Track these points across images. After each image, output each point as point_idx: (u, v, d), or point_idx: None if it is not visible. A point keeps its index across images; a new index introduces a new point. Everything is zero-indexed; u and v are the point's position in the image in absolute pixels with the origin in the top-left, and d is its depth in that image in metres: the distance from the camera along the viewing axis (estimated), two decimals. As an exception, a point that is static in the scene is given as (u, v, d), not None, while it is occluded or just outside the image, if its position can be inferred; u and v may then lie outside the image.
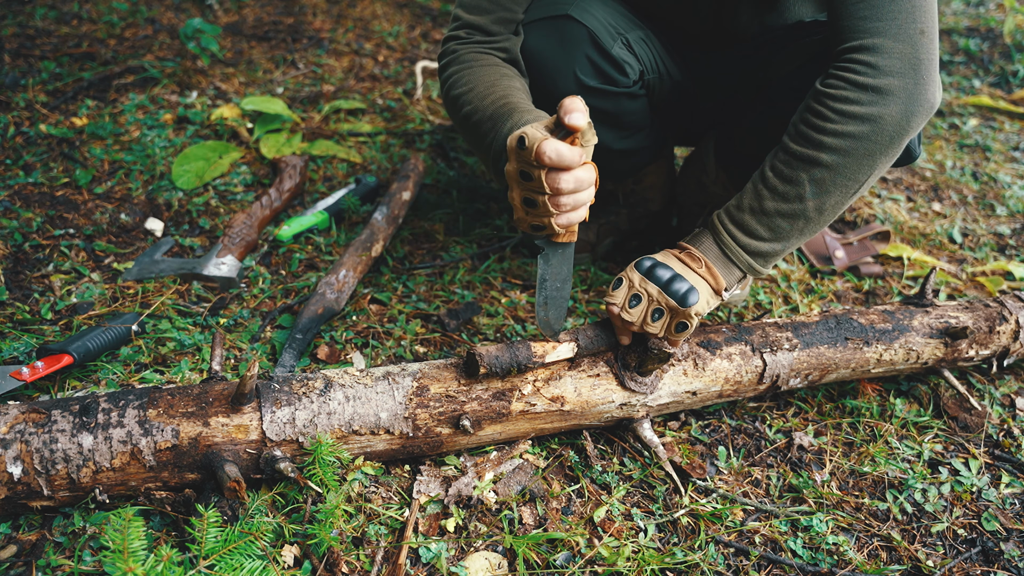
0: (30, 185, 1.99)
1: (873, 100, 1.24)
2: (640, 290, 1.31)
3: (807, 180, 1.29)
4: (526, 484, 1.32)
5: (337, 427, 1.21)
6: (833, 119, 1.26)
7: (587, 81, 1.54)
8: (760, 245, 1.35)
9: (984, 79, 3.68)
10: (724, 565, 1.24)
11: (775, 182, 1.32)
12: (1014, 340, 1.65)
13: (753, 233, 1.35)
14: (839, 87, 1.26)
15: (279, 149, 2.27)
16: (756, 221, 1.34)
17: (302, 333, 1.57)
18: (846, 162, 1.28)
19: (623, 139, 1.70)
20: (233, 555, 1.05)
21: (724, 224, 1.37)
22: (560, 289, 1.30)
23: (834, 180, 1.29)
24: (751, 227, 1.35)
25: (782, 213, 1.33)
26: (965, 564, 1.30)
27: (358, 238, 1.86)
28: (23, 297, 1.62)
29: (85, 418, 1.10)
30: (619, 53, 1.56)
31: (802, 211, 1.32)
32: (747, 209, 1.35)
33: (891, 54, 1.24)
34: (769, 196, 1.33)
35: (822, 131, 1.27)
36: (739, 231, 1.36)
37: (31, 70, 2.54)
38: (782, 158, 1.32)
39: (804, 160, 1.29)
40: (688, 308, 1.28)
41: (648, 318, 1.30)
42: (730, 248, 1.36)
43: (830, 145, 1.26)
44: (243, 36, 3.11)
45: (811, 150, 1.28)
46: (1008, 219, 2.51)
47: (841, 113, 1.25)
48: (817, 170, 1.28)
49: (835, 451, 1.51)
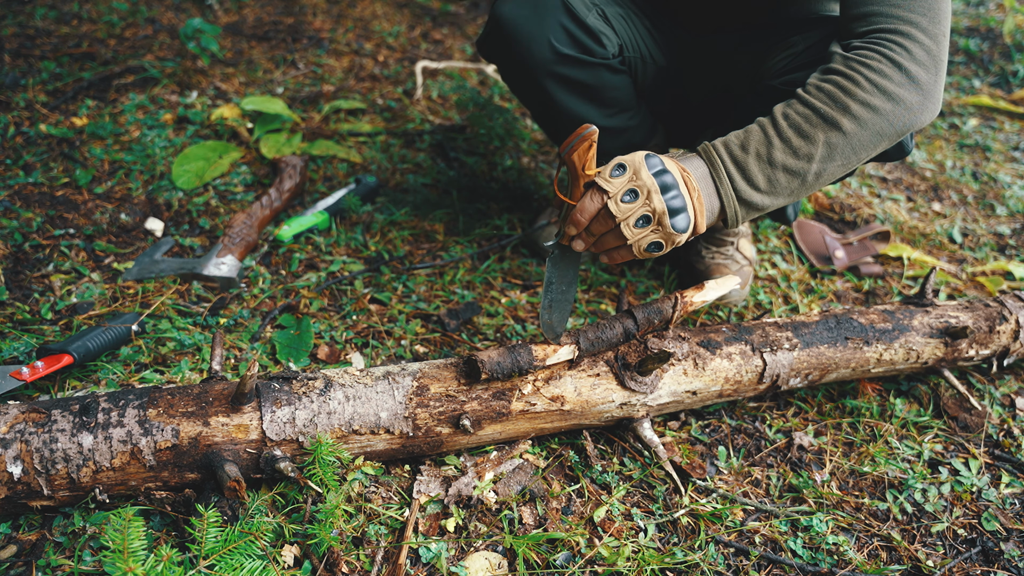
0: (30, 185, 1.99)
1: (902, 82, 1.24)
2: (643, 187, 1.16)
3: (823, 142, 1.25)
4: (526, 484, 1.32)
5: (337, 427, 1.21)
6: (866, 88, 1.23)
7: (562, 49, 1.55)
8: (752, 195, 1.27)
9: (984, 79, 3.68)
10: (724, 565, 1.24)
11: (790, 134, 1.25)
12: (1014, 340, 1.65)
13: (751, 180, 1.26)
14: (876, 59, 1.24)
15: (279, 149, 2.27)
16: (759, 169, 1.26)
17: None
18: (862, 134, 1.26)
19: (610, 117, 1.70)
20: (233, 555, 1.05)
21: (724, 162, 1.26)
22: (565, 292, 1.29)
23: (843, 150, 1.26)
24: (752, 173, 1.26)
25: (787, 168, 1.26)
26: (965, 564, 1.30)
27: None
28: (23, 297, 1.62)
29: (85, 418, 1.10)
30: (594, 23, 1.57)
31: (805, 171, 1.27)
32: (753, 153, 1.25)
33: (922, 46, 1.24)
34: (781, 146, 1.26)
35: (852, 96, 1.23)
36: (739, 174, 1.26)
37: (31, 70, 2.54)
38: (801, 111, 1.26)
39: (826, 120, 1.24)
40: (676, 234, 1.19)
41: (633, 220, 1.17)
42: (723, 186, 1.26)
43: (855, 113, 1.24)
44: (243, 36, 3.11)
45: (836, 112, 1.24)
46: (1008, 219, 2.51)
47: (874, 84, 1.23)
48: (834, 133, 1.25)
49: (835, 451, 1.51)
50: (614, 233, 1.20)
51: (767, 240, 2.19)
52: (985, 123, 3.24)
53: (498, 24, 1.56)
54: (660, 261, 2.03)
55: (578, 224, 1.22)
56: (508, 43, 1.57)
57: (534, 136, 2.65)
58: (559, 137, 1.85)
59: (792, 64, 1.48)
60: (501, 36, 1.57)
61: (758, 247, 2.16)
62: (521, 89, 1.71)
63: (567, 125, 1.72)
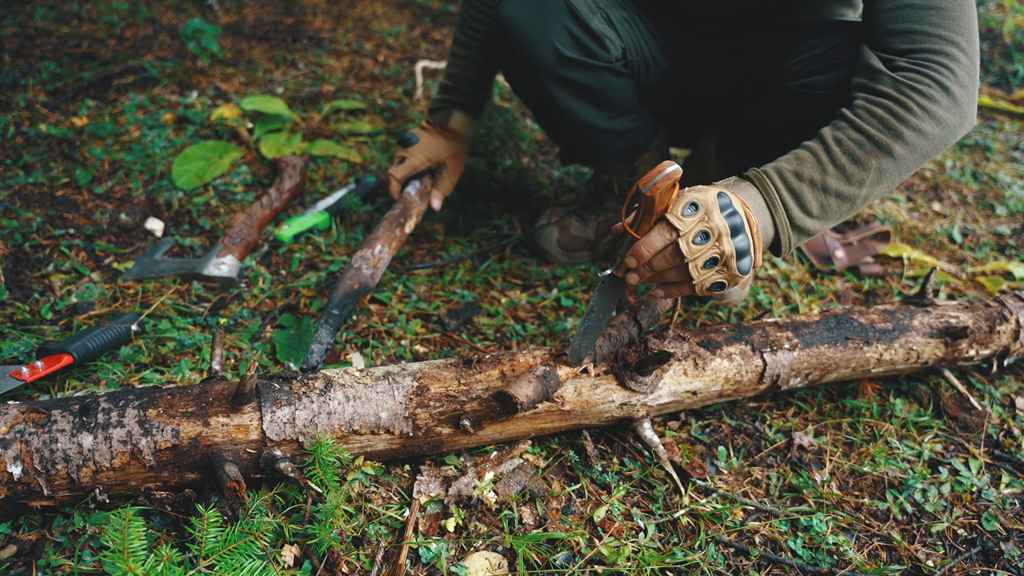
0: (30, 185, 1.99)
1: (949, 107, 1.24)
2: (715, 229, 1.14)
3: (875, 168, 1.24)
4: (526, 484, 1.32)
5: (337, 427, 1.21)
6: (918, 114, 1.23)
7: (565, 52, 1.55)
8: (806, 222, 1.26)
9: (984, 79, 3.68)
10: (724, 565, 1.24)
11: (844, 160, 1.24)
12: (1014, 340, 1.65)
13: (806, 208, 1.25)
14: (926, 84, 1.23)
15: (279, 149, 2.27)
16: (813, 196, 1.25)
17: (338, 309, 1.49)
18: (910, 159, 1.26)
19: (611, 119, 1.70)
20: (233, 555, 1.05)
21: (779, 191, 1.24)
22: (600, 320, 1.29)
23: (891, 174, 1.26)
24: (806, 201, 1.24)
25: (840, 194, 1.25)
26: (965, 564, 1.30)
27: (391, 212, 1.81)
28: (23, 297, 1.62)
29: (85, 418, 1.10)
30: (599, 27, 1.57)
31: (855, 196, 1.26)
32: (807, 180, 1.24)
33: (964, 67, 1.24)
34: (835, 173, 1.25)
35: (904, 122, 1.23)
36: (794, 203, 1.24)
37: (31, 70, 2.54)
38: (854, 137, 1.25)
39: (879, 146, 1.24)
40: (740, 275, 1.18)
41: (701, 262, 1.16)
42: (779, 215, 1.24)
43: (907, 139, 1.23)
44: (243, 36, 3.11)
45: (889, 138, 1.23)
46: (1008, 219, 2.51)
47: (925, 110, 1.23)
48: (886, 159, 1.24)
49: (835, 451, 1.51)
50: (678, 270, 1.19)
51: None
52: (985, 123, 3.24)
53: (502, 26, 1.57)
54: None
55: (640, 257, 1.19)
56: (512, 45, 1.57)
57: (534, 136, 2.65)
58: (560, 138, 1.85)
59: (811, 67, 1.47)
60: (505, 38, 1.57)
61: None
62: (524, 90, 1.71)
63: (569, 127, 1.72)
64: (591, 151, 1.82)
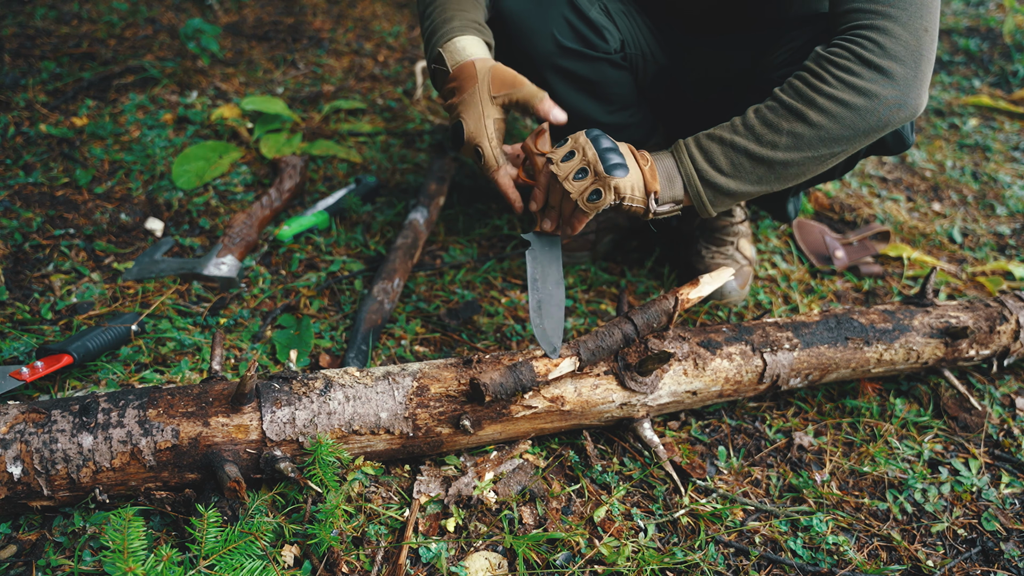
0: (30, 185, 1.99)
1: (874, 78, 1.26)
2: (579, 146, 1.28)
3: (787, 131, 1.29)
4: (526, 484, 1.32)
5: (337, 427, 1.20)
6: (832, 83, 1.27)
7: (565, 42, 1.56)
8: (715, 176, 1.33)
9: (984, 79, 3.68)
10: (724, 565, 1.24)
11: (754, 122, 1.31)
12: (1014, 340, 1.65)
13: (713, 160, 1.33)
14: (844, 56, 1.27)
15: (279, 149, 2.27)
16: (721, 151, 1.33)
17: (365, 344, 1.57)
18: (830, 126, 1.28)
19: (610, 113, 1.71)
20: (233, 555, 1.05)
21: (687, 145, 1.35)
22: (552, 293, 1.29)
23: (811, 140, 1.29)
24: (713, 154, 1.33)
25: (750, 153, 1.31)
26: (965, 564, 1.30)
27: (403, 241, 1.85)
28: (23, 297, 1.62)
29: (85, 418, 1.10)
30: (597, 17, 1.58)
31: (770, 158, 1.31)
32: (716, 138, 1.33)
33: (898, 40, 1.25)
34: (744, 133, 1.32)
35: (817, 91, 1.27)
36: (700, 154, 1.34)
37: (31, 70, 2.54)
38: (769, 104, 1.32)
39: (791, 111, 1.29)
40: (610, 176, 1.25)
41: (571, 175, 1.27)
42: (684, 165, 1.34)
43: (821, 105, 1.27)
44: (243, 36, 3.11)
45: (801, 104, 1.28)
46: (1008, 219, 2.51)
47: (841, 80, 1.26)
48: (800, 124, 1.29)
49: (835, 451, 1.51)
50: (567, 199, 1.29)
51: (767, 240, 2.19)
52: (985, 123, 3.24)
53: (501, 16, 1.57)
54: (660, 261, 2.03)
55: (538, 200, 1.33)
56: (511, 35, 1.57)
57: (534, 136, 2.65)
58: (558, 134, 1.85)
59: (792, 58, 1.49)
60: (504, 28, 1.57)
61: (758, 247, 2.16)
62: None
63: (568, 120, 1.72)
64: None
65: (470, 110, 1.36)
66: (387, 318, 1.66)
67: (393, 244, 1.86)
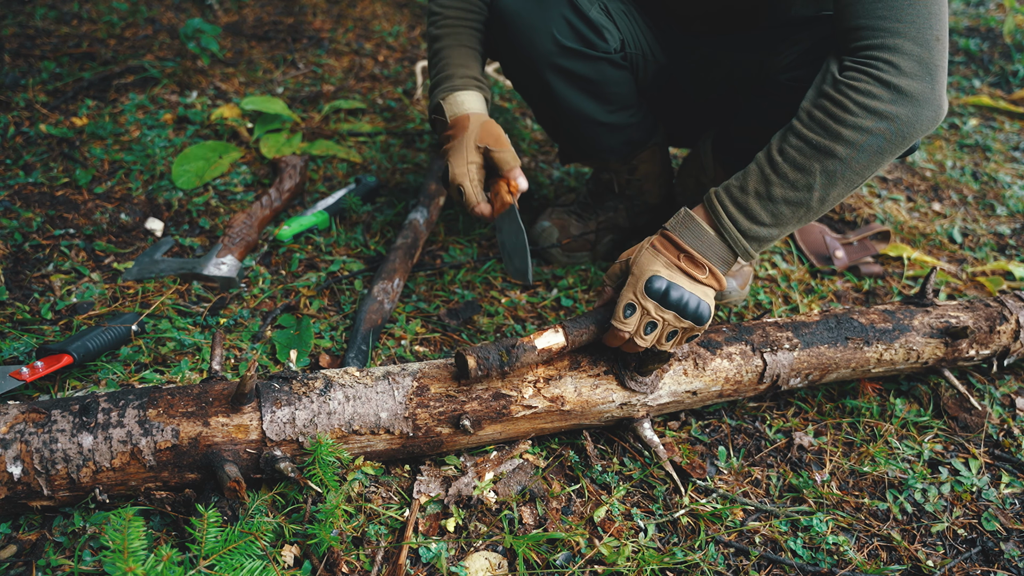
0: (30, 185, 1.99)
1: (894, 99, 1.25)
2: (656, 318, 1.28)
3: (819, 171, 1.28)
4: (526, 484, 1.32)
5: (337, 427, 1.21)
6: (855, 112, 1.25)
7: (564, 41, 1.56)
8: (759, 230, 1.33)
9: (984, 79, 3.68)
10: (724, 565, 1.24)
11: (786, 169, 1.29)
12: (1014, 340, 1.65)
13: (755, 218, 1.32)
14: (863, 80, 1.25)
15: (279, 149, 2.27)
16: (761, 206, 1.31)
17: (365, 344, 1.57)
18: (859, 157, 1.27)
19: (610, 112, 1.70)
20: (233, 555, 1.05)
21: (726, 207, 1.33)
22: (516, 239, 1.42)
23: (843, 173, 1.29)
24: (755, 212, 1.31)
25: (788, 201, 1.31)
26: (965, 564, 1.30)
27: (403, 241, 1.85)
28: (23, 297, 1.62)
29: (85, 418, 1.10)
30: (597, 17, 1.58)
31: (807, 200, 1.30)
32: (752, 193, 1.31)
33: (911, 57, 1.24)
34: (778, 183, 1.30)
35: (842, 122, 1.26)
36: (742, 216, 1.32)
37: (31, 70, 2.54)
38: (795, 144, 1.30)
39: (819, 150, 1.27)
40: (703, 325, 1.29)
41: (663, 339, 1.30)
42: (730, 234, 1.33)
43: (848, 138, 1.26)
44: (243, 36, 3.11)
45: (828, 141, 1.27)
46: (1008, 219, 2.51)
47: (863, 107, 1.25)
48: (831, 162, 1.27)
49: (835, 451, 1.51)
50: None
51: (767, 240, 2.19)
52: (985, 123, 3.24)
53: (501, 16, 1.57)
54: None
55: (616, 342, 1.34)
56: (510, 35, 1.57)
57: (534, 136, 2.65)
58: (559, 135, 1.85)
59: (799, 60, 1.49)
60: (503, 28, 1.57)
61: (758, 247, 2.16)
62: (522, 83, 1.71)
63: (568, 121, 1.72)
64: (591, 146, 1.81)
65: (457, 155, 1.51)
66: (387, 318, 1.66)
67: (393, 244, 1.86)
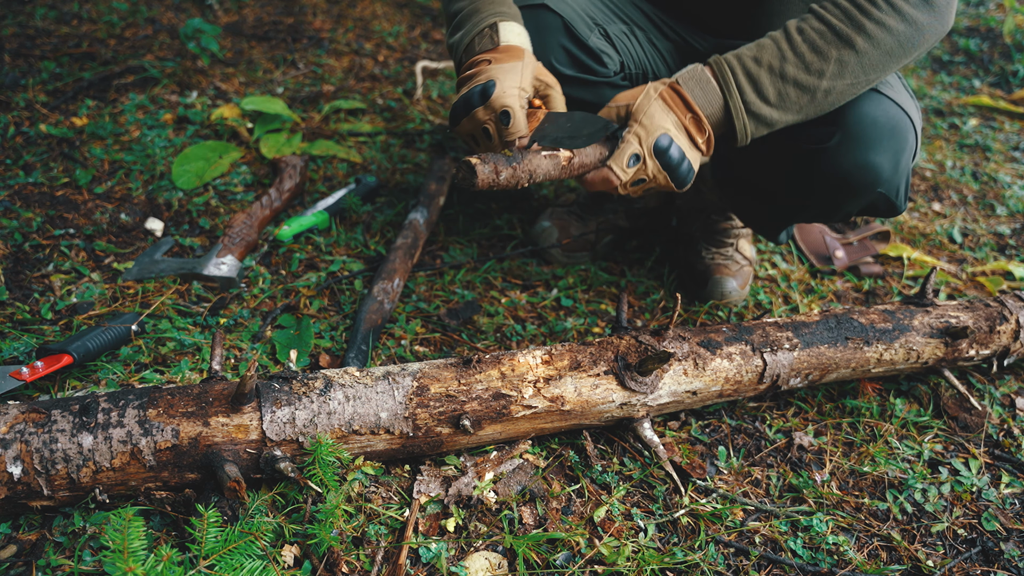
0: (30, 185, 1.99)
1: (917, 4, 1.27)
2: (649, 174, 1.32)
3: (835, 58, 1.28)
4: (526, 484, 1.32)
5: (337, 427, 1.21)
6: (882, 7, 1.26)
7: (562, 70, 1.56)
8: (762, 108, 1.31)
9: (984, 79, 3.68)
10: (724, 565, 1.24)
11: (803, 48, 1.28)
12: (1014, 340, 1.65)
13: (762, 94, 1.30)
14: None
15: (279, 149, 2.27)
16: (771, 82, 1.29)
17: (365, 344, 1.57)
18: (874, 54, 1.28)
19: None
20: (233, 555, 1.05)
21: (736, 76, 1.30)
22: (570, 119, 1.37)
23: (854, 67, 1.29)
24: (764, 87, 1.30)
25: (798, 83, 1.29)
26: (965, 564, 1.30)
27: (403, 241, 1.85)
28: (23, 297, 1.62)
29: (85, 418, 1.10)
30: (596, 43, 1.58)
31: (815, 87, 1.30)
32: (766, 66, 1.29)
33: None
34: (794, 61, 1.29)
35: (868, 15, 1.26)
36: (751, 88, 1.30)
37: (31, 70, 2.54)
38: (816, 27, 1.29)
39: (840, 37, 1.27)
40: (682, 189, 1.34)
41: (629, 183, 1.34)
42: (735, 104, 1.30)
43: (870, 32, 1.26)
44: (243, 36, 3.11)
45: (851, 30, 1.27)
46: (1008, 219, 2.52)
47: (891, 5, 1.26)
48: (847, 51, 1.27)
49: (835, 451, 1.51)
50: None
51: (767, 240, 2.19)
52: (985, 123, 3.24)
53: None
54: (660, 261, 2.03)
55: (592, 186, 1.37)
56: None
57: (534, 136, 2.65)
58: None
59: None
60: None
61: (758, 247, 2.16)
62: None
63: None
64: None
65: (508, 74, 1.27)
66: (387, 318, 1.66)
67: (393, 244, 1.86)
